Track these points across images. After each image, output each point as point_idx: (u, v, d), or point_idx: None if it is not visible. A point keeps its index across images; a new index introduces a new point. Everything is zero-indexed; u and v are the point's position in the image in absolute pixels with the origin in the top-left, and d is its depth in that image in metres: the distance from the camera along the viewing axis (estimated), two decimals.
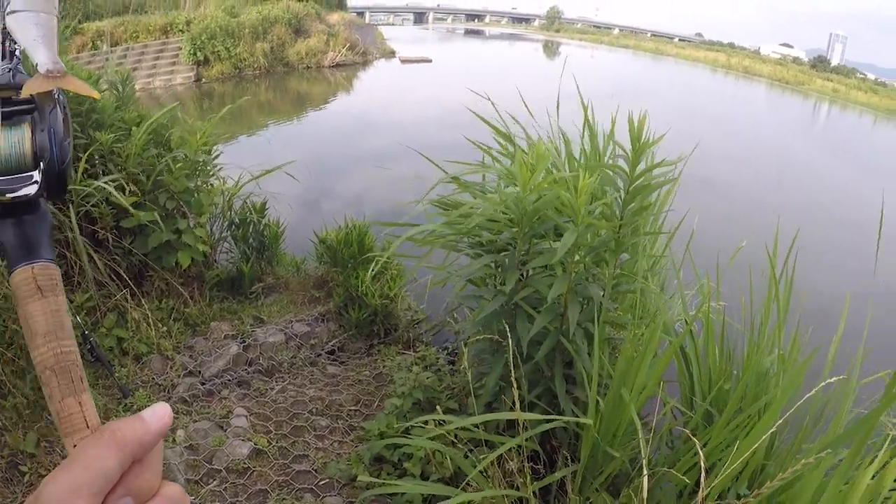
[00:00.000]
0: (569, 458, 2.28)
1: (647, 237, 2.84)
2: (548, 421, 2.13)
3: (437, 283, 2.95)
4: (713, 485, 1.86)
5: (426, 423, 2.50)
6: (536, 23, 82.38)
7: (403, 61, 26.09)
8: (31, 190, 0.51)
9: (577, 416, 2.15)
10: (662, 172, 2.28)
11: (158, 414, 0.46)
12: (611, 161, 2.42)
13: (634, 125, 2.18)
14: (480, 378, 2.50)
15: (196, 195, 3.86)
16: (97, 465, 0.42)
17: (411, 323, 3.99)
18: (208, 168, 4.20)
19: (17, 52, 0.62)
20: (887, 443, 2.09)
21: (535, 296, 2.27)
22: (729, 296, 2.61)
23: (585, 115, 2.98)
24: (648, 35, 79.65)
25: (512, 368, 2.05)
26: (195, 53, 16.97)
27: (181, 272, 3.93)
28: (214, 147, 4.25)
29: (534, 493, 2.18)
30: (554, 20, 78.11)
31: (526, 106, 3.22)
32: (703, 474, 1.69)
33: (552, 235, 2.41)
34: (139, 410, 0.47)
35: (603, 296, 2.20)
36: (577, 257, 2.23)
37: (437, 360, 3.28)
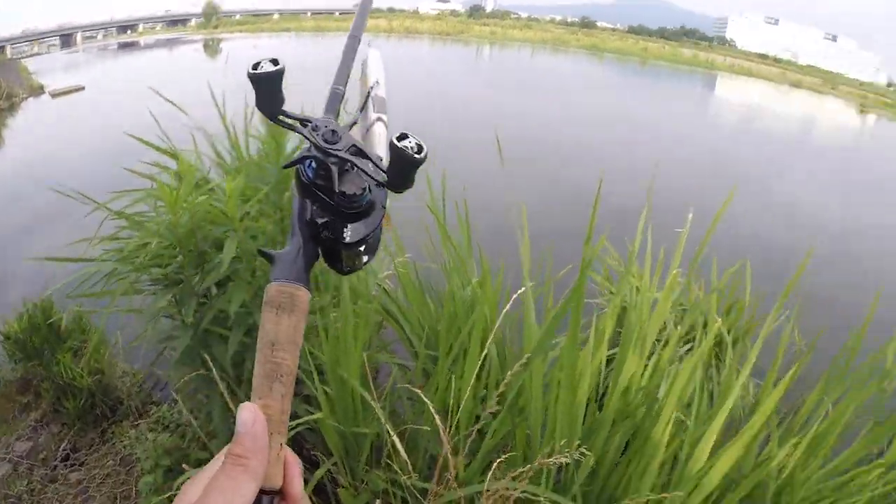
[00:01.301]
0: (324, 454, 2.21)
1: None
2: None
3: (140, 336, 2.62)
4: (458, 415, 1.92)
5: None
6: (193, 22, 77.24)
7: (54, 95, 22.64)
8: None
9: (312, 414, 2.08)
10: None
11: (248, 420, 0.52)
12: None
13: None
14: (207, 416, 2.31)
15: None
16: (234, 492, 0.49)
17: (133, 388, 3.57)
18: None
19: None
20: (594, 321, 2.33)
21: (223, 315, 2.12)
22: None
23: (246, 114, 2.79)
24: (308, 14, 79.74)
25: (227, 396, 1.90)
26: None
27: None
28: None
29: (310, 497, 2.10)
30: (212, 16, 73.34)
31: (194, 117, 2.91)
32: (435, 417, 1.73)
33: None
34: None
35: None
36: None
37: (172, 414, 2.98)
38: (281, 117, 0.61)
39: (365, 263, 0.70)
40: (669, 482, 1.93)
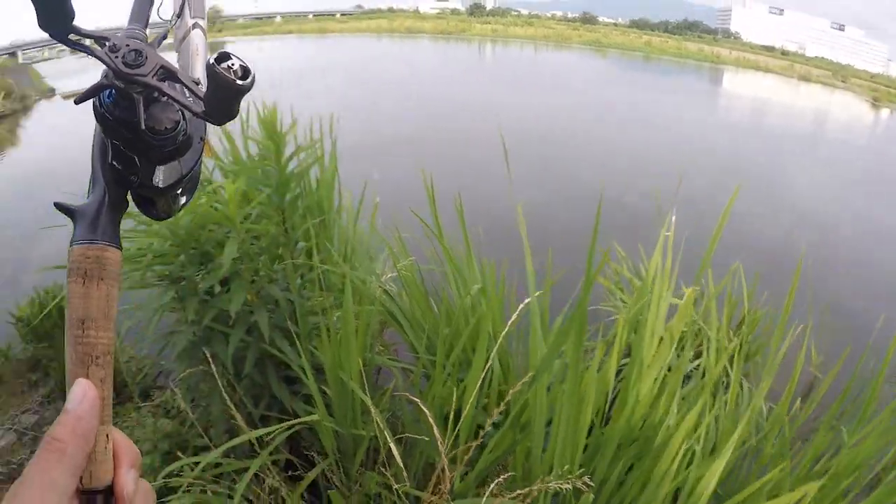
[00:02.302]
0: (320, 454, 2.21)
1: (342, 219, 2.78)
2: (286, 428, 2.03)
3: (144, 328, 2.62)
4: (459, 425, 1.88)
5: (182, 471, 2.27)
6: None
7: (65, 97, 21.89)
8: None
9: (310, 414, 2.07)
10: (308, 154, 2.21)
11: (78, 396, 0.46)
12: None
13: (264, 117, 2.06)
14: (206, 408, 2.32)
15: None
16: (48, 485, 0.42)
17: (138, 372, 3.60)
18: None
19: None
20: (599, 334, 2.26)
21: (226, 314, 2.12)
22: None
23: (248, 115, 2.76)
24: (310, 16, 78.77)
25: (224, 393, 1.90)
26: None
27: None
28: None
29: (302, 497, 2.10)
30: (214, 21, 71.86)
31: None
32: (434, 428, 1.69)
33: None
34: None
35: (290, 290, 2.10)
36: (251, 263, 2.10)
37: (174, 400, 3.00)
38: (72, 36, 0.49)
39: (183, 206, 0.62)
40: None
